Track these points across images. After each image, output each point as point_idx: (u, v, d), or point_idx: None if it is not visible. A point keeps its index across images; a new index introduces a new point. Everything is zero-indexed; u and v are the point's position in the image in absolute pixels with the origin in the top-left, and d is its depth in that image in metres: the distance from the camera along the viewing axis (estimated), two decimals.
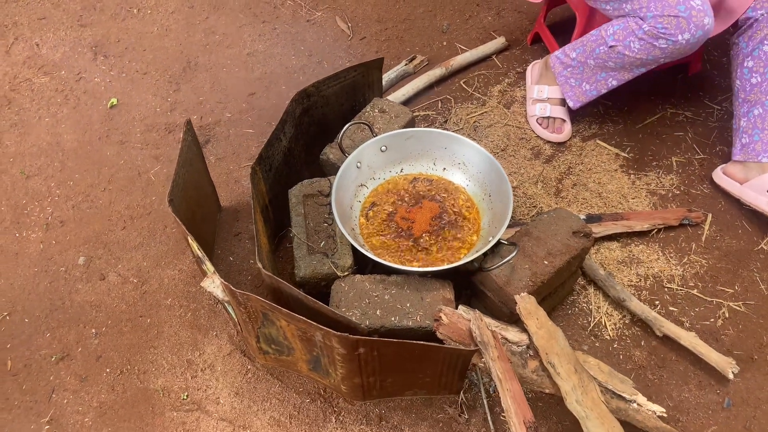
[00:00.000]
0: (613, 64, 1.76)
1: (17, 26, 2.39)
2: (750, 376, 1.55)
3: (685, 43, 1.61)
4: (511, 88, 2.16)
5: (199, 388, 1.56)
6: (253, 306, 1.33)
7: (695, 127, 2.04)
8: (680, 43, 1.61)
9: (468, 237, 1.57)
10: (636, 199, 1.87)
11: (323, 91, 1.71)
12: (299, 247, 1.52)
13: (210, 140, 2.05)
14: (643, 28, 1.63)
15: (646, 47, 1.65)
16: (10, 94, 2.19)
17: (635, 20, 1.65)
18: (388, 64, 2.21)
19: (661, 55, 1.66)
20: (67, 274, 1.76)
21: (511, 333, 1.38)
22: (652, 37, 1.63)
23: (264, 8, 2.45)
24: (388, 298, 1.42)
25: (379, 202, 1.64)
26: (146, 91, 2.19)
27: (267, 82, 2.21)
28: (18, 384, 1.58)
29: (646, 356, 1.58)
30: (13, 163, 2.00)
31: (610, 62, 1.76)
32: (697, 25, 1.58)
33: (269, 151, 1.60)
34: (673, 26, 1.59)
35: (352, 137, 1.72)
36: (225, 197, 1.90)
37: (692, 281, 1.71)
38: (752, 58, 1.66)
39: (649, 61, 1.71)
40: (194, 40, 2.34)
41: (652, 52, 1.66)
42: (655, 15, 1.60)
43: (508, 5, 2.44)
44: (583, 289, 1.70)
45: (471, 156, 1.65)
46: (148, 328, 1.66)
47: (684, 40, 1.60)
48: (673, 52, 1.65)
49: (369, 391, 1.44)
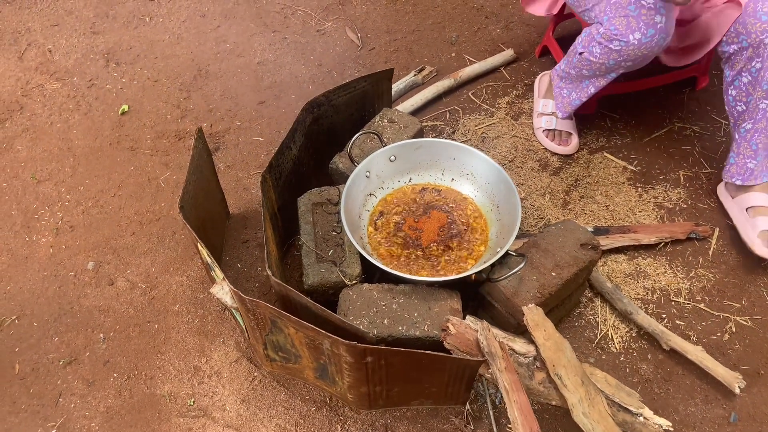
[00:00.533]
0: (587, 71, 1.77)
1: (30, 32, 2.42)
2: (756, 391, 1.55)
3: (637, 44, 1.59)
4: (519, 100, 2.17)
5: (205, 394, 1.56)
6: (261, 313, 1.34)
7: (702, 142, 2.05)
8: (632, 43, 1.59)
9: (476, 247, 1.58)
10: (643, 212, 1.87)
11: (333, 100, 1.73)
12: (308, 255, 1.53)
13: (220, 148, 2.07)
14: (600, 31, 1.63)
15: (605, 51, 1.65)
16: (23, 100, 2.21)
17: (596, 26, 1.67)
18: (397, 74, 2.23)
19: (618, 58, 1.65)
20: (76, 278, 1.77)
21: (519, 344, 1.38)
22: (607, 40, 1.63)
23: (275, 18, 2.47)
24: (396, 307, 1.43)
25: (388, 211, 1.65)
26: (157, 99, 2.21)
27: (277, 90, 2.23)
28: (26, 388, 1.58)
29: (652, 370, 1.58)
30: (24, 168, 2.02)
31: (584, 70, 1.78)
32: (648, 24, 1.56)
33: (279, 160, 1.61)
34: (624, 26, 1.58)
35: (361, 147, 1.73)
36: (233, 204, 1.92)
37: (699, 295, 1.71)
38: (734, 87, 1.67)
39: (612, 66, 1.70)
40: (205, 49, 2.36)
41: (610, 56, 1.65)
42: (610, 17, 1.61)
43: (517, 18, 2.46)
44: (590, 301, 1.70)
45: (479, 167, 1.66)
46: (155, 334, 1.66)
47: (636, 40, 1.58)
48: (630, 55, 1.63)
49: (375, 400, 1.44)
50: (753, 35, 1.52)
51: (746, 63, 1.58)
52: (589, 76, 1.79)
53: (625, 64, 1.68)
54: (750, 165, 1.72)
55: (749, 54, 1.56)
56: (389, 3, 2.53)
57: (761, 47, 1.53)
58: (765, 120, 1.64)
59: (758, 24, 1.51)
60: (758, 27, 1.51)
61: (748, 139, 1.69)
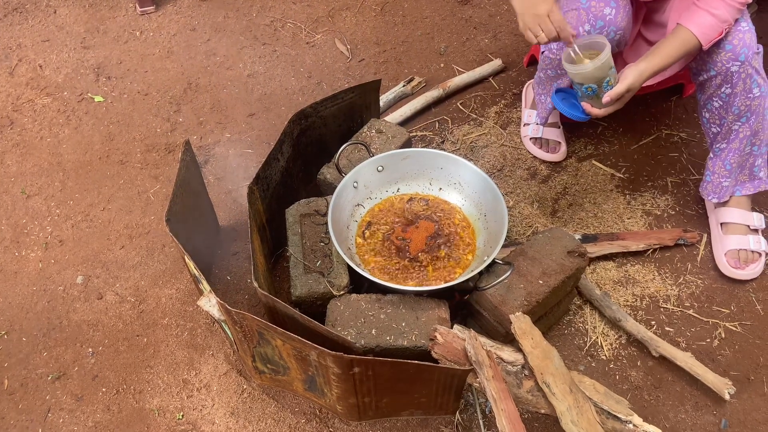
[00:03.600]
0: (551, 72, 1.79)
1: (21, 48, 2.43)
2: (746, 397, 1.55)
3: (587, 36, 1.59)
4: (507, 109, 2.19)
5: (194, 407, 1.56)
6: (248, 325, 1.34)
7: (690, 148, 2.06)
8: (582, 35, 1.59)
9: (463, 256, 1.58)
10: (631, 219, 1.88)
11: (321, 111, 1.74)
12: (296, 267, 1.53)
13: (209, 160, 2.07)
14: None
15: (560, 46, 1.65)
16: (13, 115, 2.22)
17: None
18: (386, 85, 2.24)
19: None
20: (66, 293, 1.77)
21: (506, 353, 1.38)
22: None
23: (264, 31, 2.48)
24: (384, 317, 1.43)
25: (376, 221, 1.66)
26: (147, 112, 2.21)
27: (267, 103, 2.24)
28: (14, 403, 1.58)
29: (642, 377, 1.58)
30: (14, 183, 2.02)
31: (548, 70, 1.79)
32: (596, 16, 1.58)
33: (267, 171, 1.61)
34: (575, 19, 1.59)
35: (349, 157, 1.74)
36: (223, 217, 1.92)
37: (688, 301, 1.71)
38: (707, 110, 1.69)
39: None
40: (195, 62, 2.37)
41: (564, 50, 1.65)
42: (565, 12, 1.62)
43: (505, 28, 2.47)
44: (579, 309, 1.70)
45: (467, 176, 1.67)
46: (144, 348, 1.66)
47: (585, 32, 1.59)
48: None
49: (365, 411, 1.44)
50: (719, 64, 1.55)
51: (716, 89, 1.61)
52: (554, 77, 1.80)
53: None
54: (725, 183, 1.75)
55: (718, 81, 1.58)
56: (378, 15, 2.55)
57: (728, 74, 1.55)
58: (738, 141, 1.66)
59: (723, 53, 1.53)
60: (723, 56, 1.54)
61: (722, 159, 1.71)
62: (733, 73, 1.55)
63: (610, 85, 1.51)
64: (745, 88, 1.56)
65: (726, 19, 1.49)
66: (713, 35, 1.50)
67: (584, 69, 1.49)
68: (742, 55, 1.52)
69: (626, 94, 1.52)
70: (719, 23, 1.49)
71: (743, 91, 1.57)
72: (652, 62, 1.52)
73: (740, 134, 1.65)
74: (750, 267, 1.72)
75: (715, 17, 1.49)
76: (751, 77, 1.55)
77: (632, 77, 1.50)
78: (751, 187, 1.75)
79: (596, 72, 1.49)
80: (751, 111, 1.59)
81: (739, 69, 1.54)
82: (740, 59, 1.52)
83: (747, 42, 1.52)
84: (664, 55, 1.52)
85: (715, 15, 1.49)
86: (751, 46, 1.53)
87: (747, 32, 1.53)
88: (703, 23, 1.50)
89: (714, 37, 1.51)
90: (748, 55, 1.52)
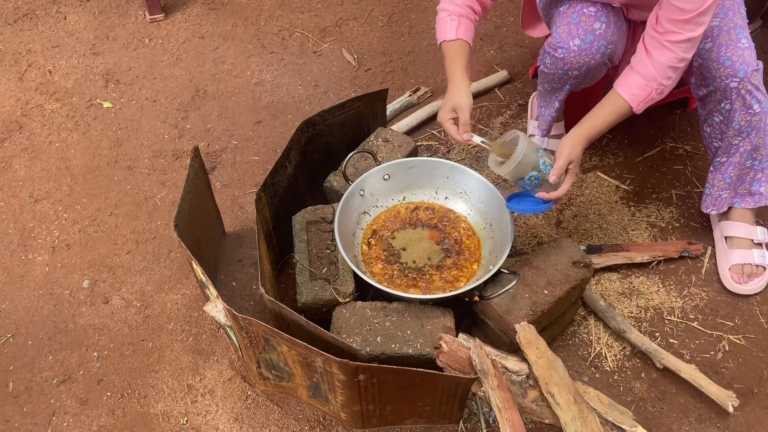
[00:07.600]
0: (548, 85, 1.80)
1: (31, 53, 2.45)
2: (750, 410, 1.55)
3: (577, 50, 1.59)
4: (513, 120, 2.20)
5: (198, 413, 1.56)
6: (254, 331, 1.34)
7: (694, 161, 2.07)
8: (573, 50, 1.59)
9: (469, 265, 1.59)
10: (636, 231, 1.88)
11: (328, 120, 1.75)
12: (301, 273, 1.54)
13: (216, 167, 2.08)
14: (549, 41, 1.66)
15: (553, 61, 1.66)
16: (22, 120, 2.23)
17: (548, 37, 1.68)
18: (392, 94, 2.26)
19: (564, 66, 1.64)
20: (72, 297, 1.77)
21: (511, 362, 1.38)
22: (553, 49, 1.64)
23: (272, 39, 2.51)
24: (389, 325, 1.43)
25: (381, 229, 1.66)
26: (155, 118, 2.23)
27: (274, 110, 2.26)
28: (19, 406, 1.58)
29: (646, 388, 1.58)
30: (22, 187, 2.04)
31: (545, 83, 1.80)
32: (586, 30, 1.58)
33: (274, 178, 1.63)
34: (566, 33, 1.60)
35: (355, 165, 1.75)
36: (229, 223, 1.93)
37: (692, 314, 1.71)
38: (708, 125, 1.69)
39: (562, 77, 1.69)
40: (204, 70, 2.39)
41: (557, 65, 1.66)
42: (557, 27, 1.63)
43: (511, 40, 2.49)
44: (584, 319, 1.70)
45: (472, 185, 1.68)
46: (149, 352, 1.66)
47: (576, 46, 1.59)
48: (573, 63, 1.62)
49: (368, 419, 1.44)
50: (718, 80, 1.55)
51: (716, 105, 1.61)
52: (551, 90, 1.81)
53: (572, 74, 1.66)
54: (723, 195, 1.76)
55: (718, 97, 1.59)
56: (385, 25, 2.57)
57: (728, 90, 1.56)
58: (738, 155, 1.67)
59: (722, 69, 1.54)
60: (722, 72, 1.54)
61: (722, 172, 1.72)
62: (732, 89, 1.55)
63: (547, 165, 1.47)
64: (744, 104, 1.57)
65: (654, 77, 1.44)
66: (643, 95, 1.47)
67: (509, 167, 1.43)
68: (741, 72, 1.53)
69: (571, 165, 1.48)
70: (646, 83, 1.45)
71: (743, 107, 1.57)
72: (584, 129, 1.49)
73: (740, 149, 1.65)
74: (754, 281, 1.72)
75: (642, 76, 1.45)
76: (750, 93, 1.55)
77: (567, 149, 1.46)
78: (751, 201, 1.75)
79: (524, 162, 1.43)
80: (752, 126, 1.60)
81: (738, 85, 1.54)
82: (739, 75, 1.53)
83: (746, 58, 1.53)
84: (598, 121, 1.50)
85: (641, 74, 1.45)
86: (750, 63, 1.53)
87: (747, 49, 1.54)
88: (632, 84, 1.46)
89: (644, 97, 1.46)
90: (747, 72, 1.53)
